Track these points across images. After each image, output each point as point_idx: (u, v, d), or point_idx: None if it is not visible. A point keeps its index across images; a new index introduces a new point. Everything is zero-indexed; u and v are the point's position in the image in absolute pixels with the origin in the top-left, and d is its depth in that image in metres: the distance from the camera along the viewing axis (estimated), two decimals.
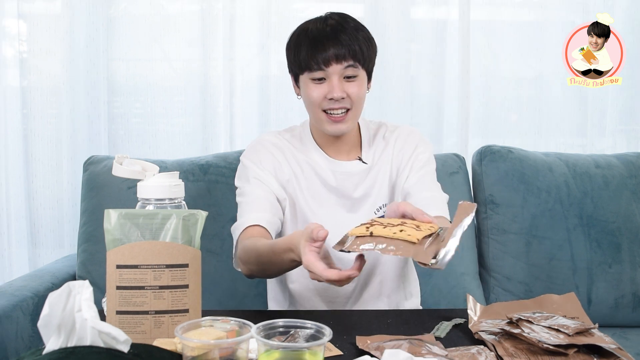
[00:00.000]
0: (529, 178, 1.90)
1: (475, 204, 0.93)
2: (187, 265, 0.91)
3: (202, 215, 0.94)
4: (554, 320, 1.00)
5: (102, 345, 0.73)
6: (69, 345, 0.73)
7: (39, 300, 1.52)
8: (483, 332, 1.02)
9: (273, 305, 1.48)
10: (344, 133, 1.34)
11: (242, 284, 1.78)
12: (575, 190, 1.90)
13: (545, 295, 1.15)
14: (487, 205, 1.91)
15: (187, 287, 0.91)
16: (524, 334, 0.96)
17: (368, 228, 0.92)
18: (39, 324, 0.73)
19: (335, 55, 1.26)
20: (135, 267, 0.90)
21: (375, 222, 0.95)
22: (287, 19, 2.12)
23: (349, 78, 1.29)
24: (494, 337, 1.00)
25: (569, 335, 0.94)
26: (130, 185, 1.73)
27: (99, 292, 1.25)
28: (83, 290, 0.74)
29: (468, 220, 0.90)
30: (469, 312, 1.11)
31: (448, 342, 1.01)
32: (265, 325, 0.81)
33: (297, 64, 1.31)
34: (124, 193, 1.76)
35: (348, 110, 1.30)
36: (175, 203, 1.00)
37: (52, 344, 0.74)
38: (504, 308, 1.12)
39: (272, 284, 1.48)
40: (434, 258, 0.86)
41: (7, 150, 2.05)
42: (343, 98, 1.28)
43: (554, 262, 1.86)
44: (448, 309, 1.21)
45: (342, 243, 0.94)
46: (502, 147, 1.95)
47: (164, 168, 1.73)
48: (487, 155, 1.94)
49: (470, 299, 1.14)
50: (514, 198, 1.89)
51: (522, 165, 1.91)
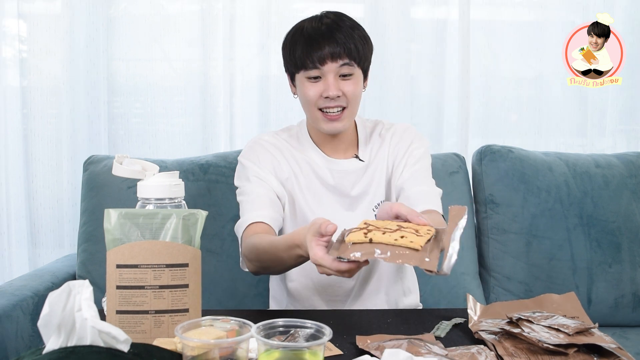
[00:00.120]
0: (529, 178, 1.90)
1: (466, 207, 0.92)
2: (187, 265, 0.91)
3: (202, 215, 0.94)
4: (554, 320, 1.00)
5: (102, 345, 0.74)
6: (69, 345, 0.73)
7: (39, 300, 1.52)
8: (483, 331, 1.02)
9: (273, 304, 1.48)
10: (340, 131, 1.34)
11: (242, 284, 1.78)
12: (575, 190, 1.90)
13: (545, 295, 1.16)
14: (487, 205, 1.91)
15: (187, 286, 0.91)
16: (524, 334, 0.96)
17: (366, 234, 0.89)
18: (39, 324, 0.73)
19: (331, 54, 1.26)
20: (135, 266, 0.90)
21: (371, 225, 0.92)
22: (287, 19, 2.12)
23: (345, 76, 1.29)
24: (494, 336, 1.00)
25: (569, 335, 0.95)
26: (130, 185, 1.73)
27: (99, 291, 1.25)
28: (83, 290, 0.74)
29: (463, 222, 0.90)
30: (469, 311, 1.11)
31: (448, 341, 1.01)
32: (265, 325, 0.81)
33: (292, 63, 1.31)
34: (124, 193, 1.76)
35: (344, 109, 1.30)
36: (175, 203, 1.00)
37: (52, 344, 0.74)
38: (504, 308, 1.12)
39: (273, 283, 1.48)
40: (439, 264, 0.84)
41: (7, 150, 2.05)
42: (339, 96, 1.28)
43: (554, 261, 1.86)
44: (448, 309, 1.21)
45: (338, 249, 0.91)
46: (502, 146, 1.95)
47: (164, 168, 1.73)
48: (487, 155, 1.94)
49: (470, 299, 1.14)
50: (514, 198, 1.89)
51: (522, 165, 1.91)
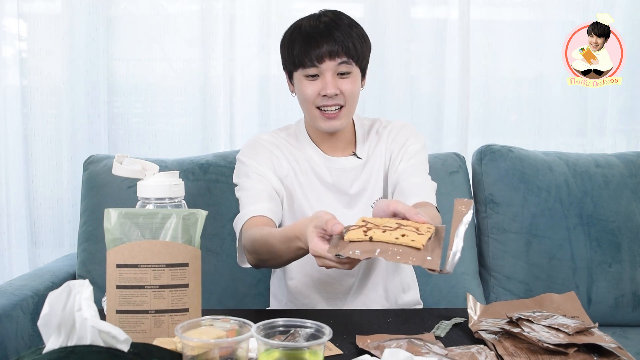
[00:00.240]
0: (529, 177, 1.90)
1: (472, 201, 0.89)
2: (187, 265, 0.91)
3: (202, 215, 0.94)
4: (554, 320, 1.00)
5: (102, 345, 0.73)
6: (69, 345, 0.73)
7: (39, 300, 1.52)
8: (483, 331, 1.02)
9: (273, 302, 1.48)
10: (338, 130, 1.34)
11: (242, 284, 1.78)
12: (576, 190, 1.90)
13: (545, 295, 1.16)
14: (487, 205, 1.91)
15: (187, 286, 0.91)
16: (524, 333, 0.96)
17: (366, 232, 0.87)
18: (39, 323, 0.73)
19: (329, 52, 1.26)
20: (135, 266, 0.90)
21: (370, 223, 0.91)
22: (287, 19, 2.10)
23: (343, 75, 1.29)
24: (494, 336, 1.00)
25: (569, 335, 0.95)
26: (130, 185, 1.73)
27: (99, 291, 1.25)
28: (83, 290, 0.74)
29: (468, 217, 0.88)
30: (469, 311, 1.11)
31: (448, 341, 1.01)
32: (265, 325, 0.81)
33: (291, 61, 1.31)
34: (124, 192, 1.76)
35: (342, 107, 1.31)
36: (175, 202, 1.00)
37: (52, 343, 0.74)
38: (504, 307, 1.12)
39: (274, 281, 1.48)
40: (442, 262, 0.83)
41: (7, 150, 2.05)
42: (337, 95, 1.28)
43: (554, 261, 1.86)
44: (448, 308, 1.21)
45: (337, 246, 0.89)
46: (502, 146, 1.95)
47: (164, 167, 1.73)
48: (487, 155, 1.94)
49: (470, 298, 1.14)
50: (514, 197, 1.89)
51: (522, 165, 1.91)
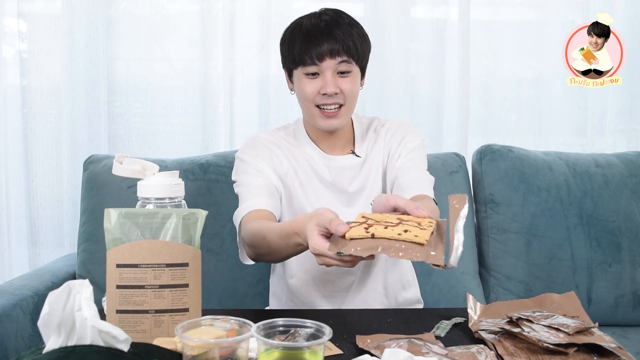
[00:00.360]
0: (529, 177, 1.90)
1: (466, 195, 0.88)
2: (187, 265, 0.91)
3: (202, 215, 0.94)
4: (554, 320, 1.00)
5: (102, 344, 0.73)
6: (69, 344, 0.73)
7: (39, 300, 1.52)
8: (483, 331, 1.02)
9: (273, 301, 1.48)
10: (337, 128, 1.34)
11: (242, 284, 1.78)
12: (575, 190, 1.90)
13: (545, 295, 1.15)
14: (487, 205, 1.91)
15: (187, 286, 0.91)
16: (524, 333, 0.96)
17: (367, 229, 0.86)
18: (39, 323, 0.73)
19: (330, 51, 1.26)
20: (135, 266, 0.90)
21: (371, 219, 0.89)
22: (287, 19, 2.09)
23: (343, 73, 1.29)
24: (494, 336, 1.00)
25: (569, 335, 0.94)
26: (130, 185, 1.73)
27: (99, 291, 1.25)
28: (83, 289, 0.74)
29: (465, 211, 0.87)
30: (469, 311, 1.11)
31: (448, 341, 1.01)
32: (265, 325, 0.81)
33: (291, 59, 1.31)
34: (124, 192, 1.76)
35: (341, 106, 1.31)
36: (175, 202, 1.00)
37: (52, 343, 0.74)
38: (504, 307, 1.12)
39: (273, 279, 1.49)
40: (446, 257, 0.82)
41: (7, 150, 2.05)
42: (336, 93, 1.29)
43: (554, 261, 1.86)
44: (448, 308, 1.21)
45: (338, 244, 0.87)
46: (502, 146, 1.95)
47: (164, 167, 1.73)
48: (487, 155, 1.94)
49: (470, 298, 1.14)
50: (514, 197, 1.89)
51: (522, 165, 1.91)
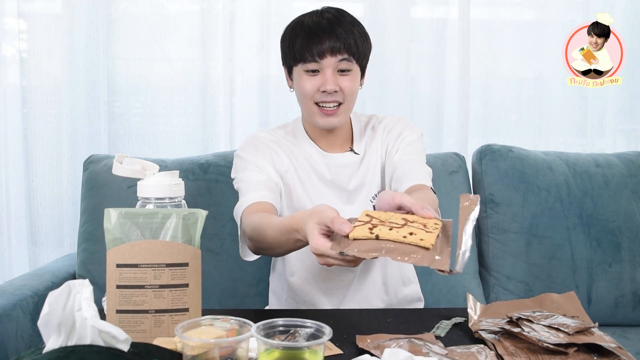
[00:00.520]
0: (529, 177, 1.90)
1: (478, 196, 0.85)
2: (187, 264, 0.91)
3: (202, 215, 0.94)
4: (554, 319, 1.00)
5: (102, 344, 0.73)
6: (69, 344, 0.73)
7: (39, 299, 1.52)
8: (483, 331, 1.02)
9: (272, 299, 1.48)
10: (336, 127, 1.34)
11: (242, 284, 1.78)
12: (575, 190, 1.90)
13: (545, 294, 1.15)
14: (487, 205, 1.91)
15: (187, 286, 0.91)
16: (524, 333, 0.96)
17: (372, 230, 0.84)
18: (39, 323, 0.73)
19: (331, 48, 1.26)
20: (135, 266, 0.90)
21: (375, 218, 0.88)
22: (287, 19, 2.09)
23: (343, 72, 1.29)
24: (494, 336, 1.00)
25: (569, 334, 0.94)
26: (130, 185, 1.73)
27: (99, 291, 1.25)
28: (83, 289, 0.74)
29: (475, 214, 0.83)
30: (469, 311, 1.11)
31: (448, 341, 1.01)
32: (265, 325, 0.81)
33: (291, 56, 1.31)
34: (124, 192, 1.76)
35: (340, 104, 1.31)
36: (175, 202, 1.00)
37: (52, 343, 0.74)
38: (504, 307, 1.12)
39: (273, 277, 1.49)
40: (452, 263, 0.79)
41: (7, 150, 2.05)
42: (336, 91, 1.29)
43: (554, 261, 1.86)
44: (448, 308, 1.21)
45: (340, 244, 0.86)
46: (502, 146, 1.95)
47: (164, 167, 1.73)
48: (487, 155, 1.94)
49: (470, 298, 1.14)
50: (514, 197, 1.89)
51: (522, 165, 1.91)
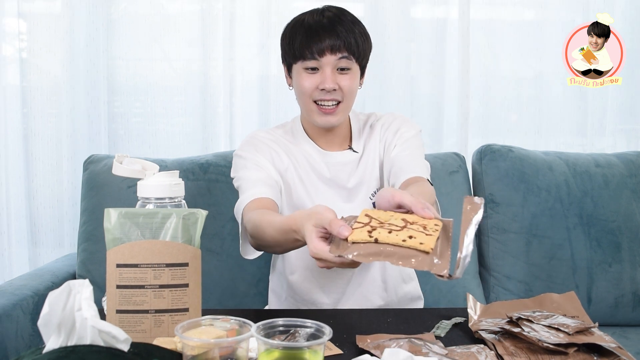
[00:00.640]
0: (529, 177, 1.90)
1: (483, 200, 0.82)
2: (187, 264, 0.91)
3: (202, 214, 0.94)
4: (554, 319, 1.00)
5: (102, 344, 0.73)
6: (69, 344, 0.73)
7: (39, 299, 1.52)
8: (483, 331, 1.02)
9: (272, 298, 1.48)
10: (334, 126, 1.34)
11: (242, 284, 1.78)
12: (576, 190, 1.90)
13: (545, 294, 1.16)
14: (487, 205, 1.91)
15: (187, 286, 0.91)
16: (524, 333, 0.96)
17: (371, 233, 0.82)
18: (39, 323, 0.73)
19: (331, 46, 1.26)
20: (135, 266, 0.90)
21: (374, 219, 0.86)
22: (287, 19, 2.08)
23: (342, 70, 1.29)
24: (494, 336, 1.00)
25: (569, 334, 0.95)
26: (130, 185, 1.73)
27: (99, 291, 1.25)
28: (83, 289, 0.74)
29: (479, 217, 0.81)
30: (469, 311, 1.11)
31: (448, 341, 1.01)
32: (265, 324, 0.81)
33: (291, 53, 1.31)
34: (124, 192, 1.76)
35: (339, 103, 1.31)
36: (175, 202, 1.00)
37: (52, 343, 0.74)
38: (504, 307, 1.12)
39: (273, 276, 1.49)
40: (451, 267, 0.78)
41: (7, 150, 2.05)
42: (335, 90, 1.28)
43: (554, 261, 1.86)
44: (448, 308, 1.21)
45: (339, 247, 0.83)
46: (502, 146, 1.95)
47: (164, 167, 1.73)
48: (487, 154, 1.94)
49: (471, 298, 1.14)
50: (514, 197, 1.89)
51: (522, 164, 1.91)
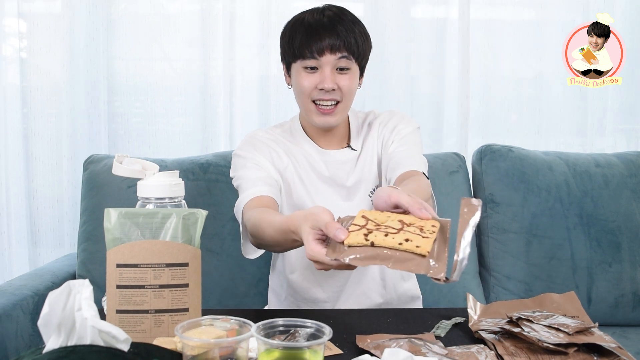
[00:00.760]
0: (529, 177, 1.90)
1: (480, 202, 0.82)
2: (187, 264, 0.91)
3: (202, 214, 0.94)
4: (554, 319, 1.00)
5: (102, 344, 0.73)
6: (69, 344, 0.73)
7: (39, 299, 1.52)
8: (483, 331, 1.02)
9: (272, 297, 1.48)
10: (332, 126, 1.34)
11: (242, 284, 1.78)
12: (575, 189, 1.90)
13: (545, 294, 1.16)
14: (487, 205, 1.91)
15: (187, 286, 0.91)
16: (524, 333, 0.96)
17: (367, 236, 0.81)
18: (39, 323, 0.73)
19: (330, 46, 1.26)
20: (135, 266, 0.90)
21: (371, 221, 0.85)
22: (287, 19, 2.10)
23: (342, 70, 1.29)
24: (494, 336, 1.00)
25: (569, 334, 0.95)
26: (130, 184, 1.73)
27: (99, 291, 1.25)
28: (83, 289, 0.74)
29: (476, 219, 0.80)
30: (469, 311, 1.11)
31: (448, 341, 1.01)
32: (265, 324, 0.81)
33: (290, 52, 1.31)
34: (124, 192, 1.76)
35: (338, 103, 1.30)
36: (175, 202, 1.00)
37: (52, 343, 0.74)
38: (504, 307, 1.12)
39: (273, 276, 1.49)
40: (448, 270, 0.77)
41: (7, 150, 2.05)
42: (334, 90, 1.28)
43: (554, 261, 1.86)
44: (448, 308, 1.21)
45: (335, 250, 0.83)
46: (502, 146, 1.95)
47: (164, 167, 1.73)
48: (487, 154, 1.94)
49: (471, 298, 1.14)
50: (514, 197, 1.89)
51: (522, 164, 1.91)
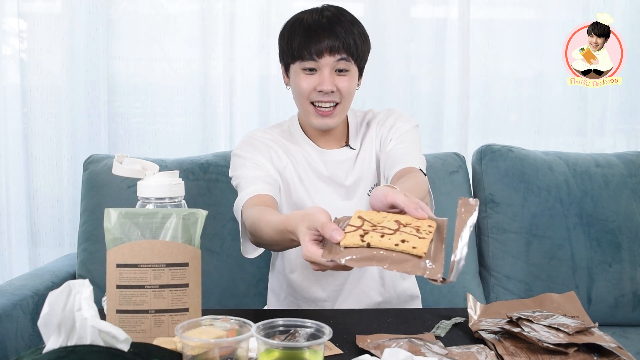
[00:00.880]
0: (529, 177, 1.90)
1: (477, 201, 0.82)
2: (187, 264, 0.91)
3: (202, 214, 0.94)
4: (554, 319, 1.00)
5: (102, 344, 0.73)
6: (69, 344, 0.73)
7: (39, 299, 1.52)
8: (483, 331, 1.02)
9: (271, 297, 1.48)
10: (331, 128, 1.34)
11: (242, 284, 1.78)
12: (576, 189, 1.90)
13: (545, 294, 1.16)
14: (487, 204, 1.91)
15: (187, 286, 0.91)
16: (524, 333, 0.96)
17: (363, 237, 0.81)
18: (39, 323, 0.73)
19: (329, 47, 1.25)
20: (135, 266, 0.90)
21: (367, 222, 0.84)
22: (286, 19, 2.12)
23: (341, 72, 1.28)
24: (494, 336, 1.00)
25: (569, 334, 0.95)
26: (130, 184, 1.73)
27: (99, 291, 1.25)
28: (83, 289, 0.74)
29: (473, 219, 0.80)
30: (469, 311, 1.11)
31: (448, 341, 1.01)
32: (265, 324, 0.81)
33: (289, 53, 1.30)
34: (124, 192, 1.76)
35: (337, 105, 1.30)
36: (175, 202, 1.00)
37: (52, 343, 0.74)
38: (504, 307, 1.12)
39: (272, 276, 1.49)
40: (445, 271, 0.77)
41: (7, 150, 2.05)
42: (333, 92, 1.28)
43: (554, 261, 1.86)
44: (448, 308, 1.21)
45: (331, 252, 0.83)
46: (502, 146, 1.95)
47: (164, 167, 1.73)
48: (487, 154, 1.94)
49: (470, 298, 1.14)
50: (514, 197, 1.89)
51: (522, 164, 1.91)
